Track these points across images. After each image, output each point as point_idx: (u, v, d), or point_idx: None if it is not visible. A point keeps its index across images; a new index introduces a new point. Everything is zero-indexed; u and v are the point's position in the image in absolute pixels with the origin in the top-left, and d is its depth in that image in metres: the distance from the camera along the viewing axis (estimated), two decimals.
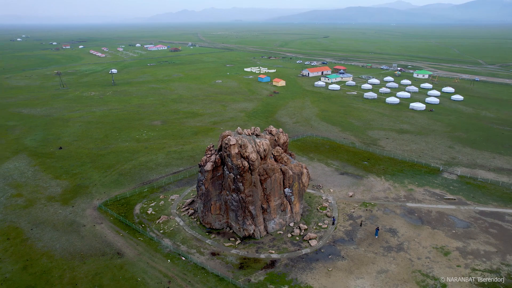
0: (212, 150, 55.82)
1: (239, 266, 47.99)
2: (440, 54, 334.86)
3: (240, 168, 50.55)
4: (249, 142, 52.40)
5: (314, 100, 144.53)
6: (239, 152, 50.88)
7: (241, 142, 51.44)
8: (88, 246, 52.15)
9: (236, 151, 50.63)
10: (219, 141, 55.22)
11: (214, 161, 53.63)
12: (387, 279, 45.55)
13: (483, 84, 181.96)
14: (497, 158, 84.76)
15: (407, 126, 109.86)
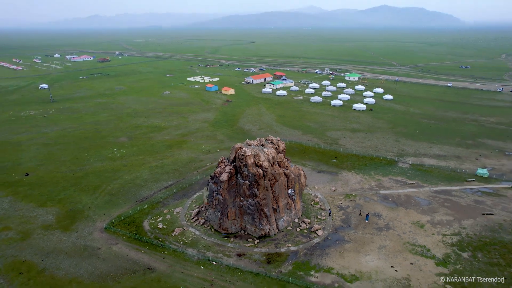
0: (225, 162, 60.90)
1: (267, 262, 54.25)
2: (360, 57, 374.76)
3: (256, 176, 56.86)
4: (260, 151, 58.92)
5: (268, 107, 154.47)
6: (254, 162, 57.11)
7: (254, 152, 57.74)
8: (115, 267, 53.32)
9: (252, 161, 56.80)
10: (232, 153, 60.58)
11: (229, 171, 58.90)
12: (387, 252, 56.14)
13: (403, 84, 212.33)
14: (433, 147, 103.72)
15: (357, 125, 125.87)
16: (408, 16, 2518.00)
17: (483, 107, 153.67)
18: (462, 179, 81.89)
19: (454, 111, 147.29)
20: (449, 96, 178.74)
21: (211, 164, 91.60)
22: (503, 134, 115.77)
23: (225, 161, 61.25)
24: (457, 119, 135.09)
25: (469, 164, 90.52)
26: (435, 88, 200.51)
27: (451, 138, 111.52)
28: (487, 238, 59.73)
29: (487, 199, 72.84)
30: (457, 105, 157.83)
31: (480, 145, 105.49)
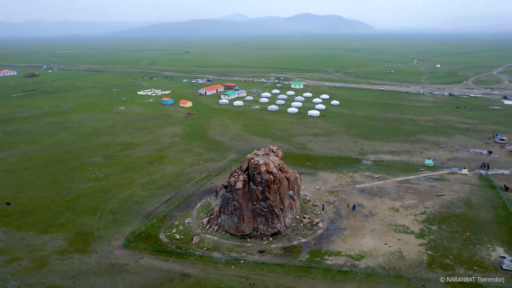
0: (238, 172, 68.00)
1: (286, 254, 62.79)
2: (297, 64, 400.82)
3: (269, 181, 65.28)
4: (268, 160, 67.45)
5: (230, 117, 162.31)
6: (265, 169, 65.44)
7: (264, 161, 66.10)
8: (150, 278, 57.18)
9: (264, 169, 65.08)
10: (244, 163, 67.95)
11: (243, 180, 66.32)
12: (378, 233, 68.57)
13: (343, 89, 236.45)
14: (385, 145, 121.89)
15: (317, 130, 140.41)
16: (328, 23, 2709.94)
17: (414, 108, 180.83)
18: (415, 170, 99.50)
19: (392, 112, 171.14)
20: (385, 99, 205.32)
21: (200, 176, 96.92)
22: (434, 130, 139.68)
23: (238, 171, 68.41)
24: (396, 119, 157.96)
25: (417, 157, 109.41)
26: (371, 92, 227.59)
27: (397, 136, 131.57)
28: (445, 213, 75.82)
29: (437, 184, 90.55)
30: (393, 107, 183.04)
31: (420, 140, 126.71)
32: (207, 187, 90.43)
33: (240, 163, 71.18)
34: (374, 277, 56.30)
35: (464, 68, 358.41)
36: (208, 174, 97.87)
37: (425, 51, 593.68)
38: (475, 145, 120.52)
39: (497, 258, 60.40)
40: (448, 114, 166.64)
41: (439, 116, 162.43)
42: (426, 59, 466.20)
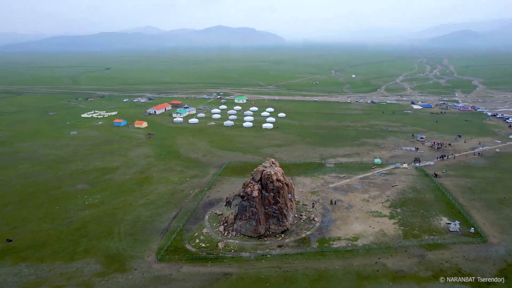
0: (252, 183, 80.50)
1: (300, 245, 77.38)
2: (228, 79, 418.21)
3: (279, 188, 79.52)
4: (275, 170, 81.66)
5: (192, 135, 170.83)
6: (276, 178, 79.56)
7: (274, 171, 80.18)
8: (199, 281, 66.30)
9: (275, 178, 79.16)
10: (257, 175, 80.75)
11: (258, 188, 79.30)
12: (362, 219, 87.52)
13: (282, 102, 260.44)
14: (338, 149, 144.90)
15: (278, 141, 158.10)
16: (242, 36, 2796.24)
17: (348, 115, 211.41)
18: (369, 168, 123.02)
19: (332, 120, 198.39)
20: (321, 109, 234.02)
21: (194, 192, 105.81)
22: (371, 134, 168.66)
23: (252, 182, 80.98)
24: (338, 126, 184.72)
25: (366, 157, 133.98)
26: (308, 103, 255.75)
27: (345, 141, 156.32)
28: (402, 199, 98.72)
29: (388, 177, 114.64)
30: (331, 116, 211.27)
31: (364, 143, 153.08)
32: (206, 200, 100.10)
33: (252, 175, 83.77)
34: (372, 251, 74.28)
35: (374, 78, 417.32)
36: (201, 189, 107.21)
37: (338, 62, 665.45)
38: (405, 144, 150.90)
39: (445, 225, 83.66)
40: (377, 119, 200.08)
41: (371, 122, 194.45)
42: (341, 69, 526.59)
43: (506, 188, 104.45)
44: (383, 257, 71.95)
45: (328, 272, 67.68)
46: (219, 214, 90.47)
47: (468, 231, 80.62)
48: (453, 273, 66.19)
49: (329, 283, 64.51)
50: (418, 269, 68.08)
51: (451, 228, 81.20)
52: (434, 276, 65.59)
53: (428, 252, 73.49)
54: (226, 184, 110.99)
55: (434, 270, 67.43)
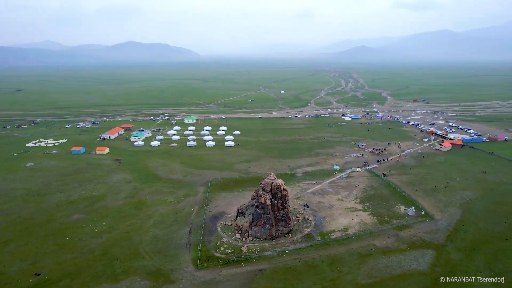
0: (264, 194, 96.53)
1: (307, 240, 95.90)
2: (165, 99, 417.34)
3: (286, 196, 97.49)
4: (280, 181, 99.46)
5: (162, 157, 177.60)
6: (283, 188, 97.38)
7: (280, 183, 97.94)
8: (242, 279, 79.90)
9: (283, 188, 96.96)
10: (268, 186, 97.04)
11: (270, 198, 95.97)
12: (344, 214, 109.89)
13: (230, 120, 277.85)
14: (300, 160, 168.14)
15: (246, 157, 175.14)
16: (156, 52, 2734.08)
17: (294, 130, 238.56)
18: (332, 174, 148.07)
19: (284, 135, 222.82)
20: (268, 124, 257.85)
21: (195, 208, 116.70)
22: (321, 145, 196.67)
23: (264, 193, 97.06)
24: (291, 140, 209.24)
25: (326, 165, 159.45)
26: (254, 120, 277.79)
27: (302, 153, 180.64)
28: (367, 195, 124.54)
29: (350, 180, 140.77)
30: (280, 131, 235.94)
31: (318, 154, 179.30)
32: (209, 215, 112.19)
33: (263, 186, 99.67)
34: (361, 237, 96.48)
35: (301, 93, 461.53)
36: (200, 206, 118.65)
37: (263, 78, 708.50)
38: (351, 152, 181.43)
39: (404, 211, 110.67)
40: (320, 132, 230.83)
41: (316, 134, 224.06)
42: (268, 85, 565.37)
43: (434, 180, 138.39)
44: (371, 240, 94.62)
45: (337, 256, 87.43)
46: (230, 225, 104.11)
47: (420, 213, 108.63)
48: (420, 244, 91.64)
49: (341, 264, 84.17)
50: (398, 244, 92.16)
51: (409, 213, 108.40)
52: (410, 247, 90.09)
53: (400, 231, 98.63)
54: (219, 200, 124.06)
55: (408, 243, 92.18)
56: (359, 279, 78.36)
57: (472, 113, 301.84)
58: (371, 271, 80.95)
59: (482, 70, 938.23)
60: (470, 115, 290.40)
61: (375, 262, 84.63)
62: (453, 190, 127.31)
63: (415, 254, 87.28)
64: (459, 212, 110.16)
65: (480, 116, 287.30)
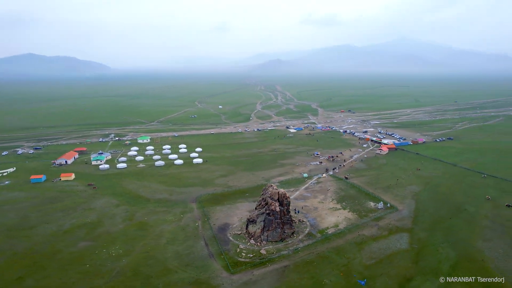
0: (274, 202, 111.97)
1: (310, 238, 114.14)
2: (101, 118, 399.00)
3: (289, 202, 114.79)
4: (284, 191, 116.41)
5: (136, 179, 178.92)
6: (288, 195, 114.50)
7: (285, 192, 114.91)
8: (275, 276, 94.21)
9: (288, 195, 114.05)
10: (275, 195, 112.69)
11: (278, 205, 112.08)
12: (329, 214, 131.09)
13: (184, 137, 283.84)
14: (271, 171, 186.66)
15: (220, 173, 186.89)
16: (63, 65, 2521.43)
17: (250, 143, 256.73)
18: (303, 181, 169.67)
19: (243, 149, 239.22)
20: (223, 140, 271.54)
21: (199, 223, 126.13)
22: (282, 156, 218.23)
23: (273, 201, 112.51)
24: (252, 153, 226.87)
25: (295, 174, 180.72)
26: (208, 136, 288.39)
27: (269, 164, 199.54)
28: (340, 196, 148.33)
29: (321, 185, 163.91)
30: (238, 145, 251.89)
31: (283, 164, 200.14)
32: (215, 228, 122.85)
33: (270, 195, 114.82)
34: (351, 230, 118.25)
35: (239, 107, 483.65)
36: (202, 220, 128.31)
37: (195, 92, 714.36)
38: (311, 160, 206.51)
39: (374, 206, 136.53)
40: (274, 144, 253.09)
41: (272, 146, 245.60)
42: (203, 100, 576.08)
43: (386, 179, 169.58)
44: (359, 231, 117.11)
45: (339, 247, 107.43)
46: (239, 233, 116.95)
47: (387, 206, 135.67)
48: (396, 230, 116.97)
49: (345, 252, 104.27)
50: (380, 232, 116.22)
51: (379, 207, 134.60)
52: (390, 233, 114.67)
53: (378, 222, 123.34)
54: (217, 213, 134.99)
55: (388, 230, 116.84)
56: (364, 261, 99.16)
57: (391, 120, 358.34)
58: (370, 254, 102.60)
59: (382, 82, 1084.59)
60: (390, 122, 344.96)
61: (370, 247, 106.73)
62: (402, 186, 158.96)
63: (396, 237, 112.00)
64: (413, 202, 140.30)
65: (398, 122, 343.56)
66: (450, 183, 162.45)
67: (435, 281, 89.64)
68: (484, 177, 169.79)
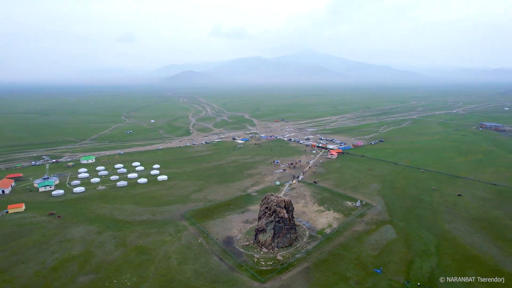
0: (282, 209, 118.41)
1: (313, 240, 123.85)
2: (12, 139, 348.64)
3: (293, 209, 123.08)
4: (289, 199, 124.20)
5: (103, 203, 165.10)
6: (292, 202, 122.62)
7: (290, 199, 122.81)
8: (303, 279, 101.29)
9: (292, 202, 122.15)
10: (282, 203, 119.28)
11: (286, 212, 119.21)
12: (318, 216, 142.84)
13: (132, 154, 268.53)
14: (243, 182, 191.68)
15: (192, 188, 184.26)
16: None
17: (205, 156, 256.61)
18: (278, 188, 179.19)
19: (203, 162, 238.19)
20: (175, 155, 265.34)
21: (201, 240, 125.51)
22: (244, 166, 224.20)
23: (281, 209, 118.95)
24: (214, 166, 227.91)
25: (267, 183, 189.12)
26: (157, 152, 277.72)
27: (237, 175, 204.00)
28: (319, 200, 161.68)
29: (295, 191, 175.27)
30: (193, 159, 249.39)
31: (250, 174, 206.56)
32: (220, 241, 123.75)
33: (277, 203, 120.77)
34: (345, 227, 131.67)
35: (171, 120, 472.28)
36: (202, 237, 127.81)
37: (114, 106, 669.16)
38: (274, 169, 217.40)
39: (353, 205, 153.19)
40: (231, 155, 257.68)
41: (230, 158, 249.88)
42: (130, 115, 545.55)
43: (348, 180, 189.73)
44: (352, 228, 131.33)
45: (343, 243, 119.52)
46: (248, 244, 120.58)
47: (362, 204, 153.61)
48: (381, 223, 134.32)
49: (351, 247, 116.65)
50: (369, 226, 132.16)
51: (357, 205, 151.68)
52: (377, 227, 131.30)
53: (362, 218, 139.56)
54: (214, 228, 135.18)
55: (375, 224, 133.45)
56: (369, 253, 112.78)
57: (324, 127, 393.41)
58: (371, 246, 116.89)
59: (297, 91, 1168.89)
60: (324, 129, 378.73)
61: (368, 240, 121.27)
62: (365, 185, 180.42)
63: (384, 229, 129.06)
64: (381, 198, 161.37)
65: (331, 129, 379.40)
66: (400, 179, 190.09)
67: (431, 260, 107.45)
68: (422, 171, 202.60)
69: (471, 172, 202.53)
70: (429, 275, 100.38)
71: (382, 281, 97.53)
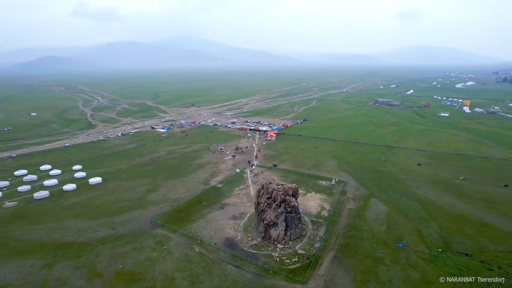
0: (291, 198, 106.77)
1: (319, 225, 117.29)
2: None
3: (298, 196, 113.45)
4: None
5: (28, 224, 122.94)
6: None
7: (296, 186, 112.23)
8: (331, 270, 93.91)
9: (298, 189, 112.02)
10: (290, 191, 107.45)
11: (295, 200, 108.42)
12: (306, 199, 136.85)
13: (34, 155, 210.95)
14: (198, 174, 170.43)
15: (142, 188, 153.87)
16: None
17: (134, 150, 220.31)
18: (241, 176, 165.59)
19: (137, 157, 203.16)
20: (96, 151, 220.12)
21: (198, 248, 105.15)
22: (187, 157, 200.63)
23: (290, 197, 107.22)
24: (151, 161, 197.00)
25: (226, 172, 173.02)
26: (66, 149, 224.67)
27: (187, 168, 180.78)
28: (291, 182, 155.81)
29: (260, 176, 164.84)
30: (122, 154, 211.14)
31: (201, 164, 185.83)
32: (219, 245, 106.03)
33: (284, 191, 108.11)
34: (339, 208, 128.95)
35: (59, 112, 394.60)
36: (197, 244, 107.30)
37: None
38: (223, 156, 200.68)
39: (326, 184, 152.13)
40: (162, 146, 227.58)
41: (165, 149, 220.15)
42: None
43: (305, 159, 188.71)
44: (346, 206, 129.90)
45: (350, 224, 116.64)
46: (257, 243, 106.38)
47: (336, 181, 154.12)
48: (365, 198, 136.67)
49: (360, 226, 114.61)
50: (358, 203, 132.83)
51: (333, 183, 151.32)
52: (365, 202, 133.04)
53: (346, 196, 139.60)
54: (202, 231, 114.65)
55: (362, 200, 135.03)
56: (379, 228, 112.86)
57: (240, 110, 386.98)
58: (376, 221, 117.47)
59: (185, 76, 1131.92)
60: (241, 112, 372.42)
61: (368, 216, 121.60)
62: (324, 163, 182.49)
63: (373, 203, 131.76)
64: (346, 174, 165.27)
65: (248, 111, 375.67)
66: (348, 153, 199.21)
67: (431, 225, 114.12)
68: (361, 145, 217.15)
69: (398, 141, 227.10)
70: (441, 239, 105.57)
71: (411, 255, 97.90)
